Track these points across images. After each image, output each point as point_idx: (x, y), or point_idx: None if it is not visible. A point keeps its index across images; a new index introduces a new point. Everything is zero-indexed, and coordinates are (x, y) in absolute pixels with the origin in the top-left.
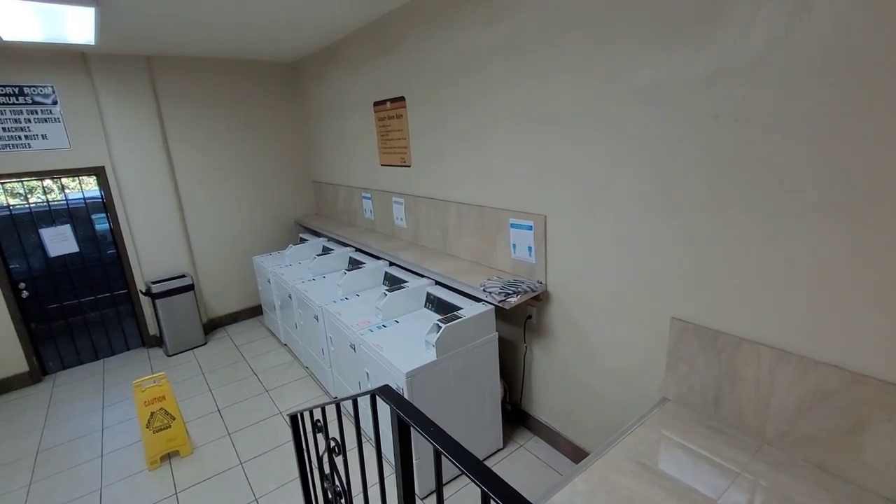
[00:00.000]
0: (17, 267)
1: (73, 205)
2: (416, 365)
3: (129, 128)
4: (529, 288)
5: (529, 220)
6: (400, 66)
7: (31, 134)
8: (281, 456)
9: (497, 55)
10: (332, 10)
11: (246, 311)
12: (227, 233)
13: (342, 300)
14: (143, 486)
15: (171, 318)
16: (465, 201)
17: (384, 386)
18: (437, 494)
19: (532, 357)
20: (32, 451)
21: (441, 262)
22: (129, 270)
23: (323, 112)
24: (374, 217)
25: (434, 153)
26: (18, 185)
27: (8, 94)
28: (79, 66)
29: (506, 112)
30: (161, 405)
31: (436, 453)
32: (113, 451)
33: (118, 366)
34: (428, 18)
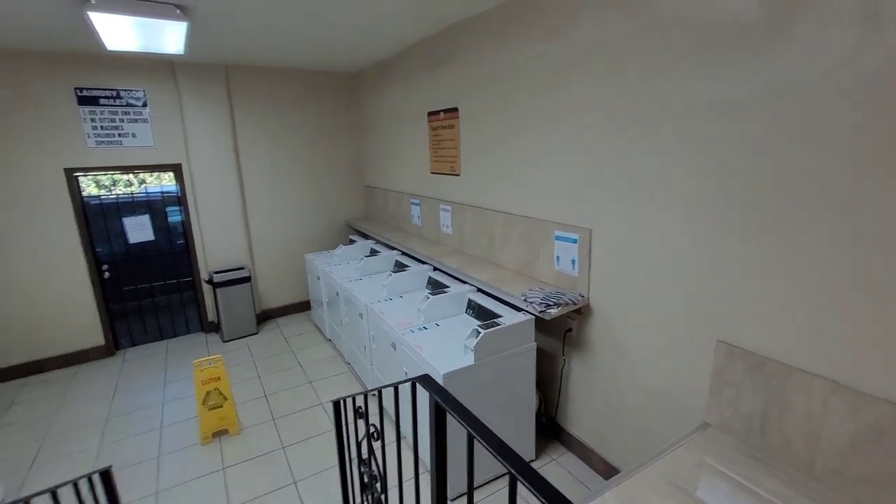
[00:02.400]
0: (101, 250)
1: (152, 197)
2: (454, 367)
3: (206, 130)
4: (571, 300)
5: (574, 233)
6: (455, 77)
7: (124, 132)
8: (319, 444)
9: (550, 70)
10: (395, 28)
11: (295, 306)
12: (284, 230)
13: (386, 300)
14: (196, 459)
15: (229, 307)
16: (511, 212)
17: (424, 375)
18: (468, 480)
19: (570, 370)
20: (103, 417)
21: (484, 270)
22: (195, 260)
23: (379, 120)
24: (422, 223)
25: (483, 163)
26: (107, 178)
27: (107, 97)
28: (167, 74)
29: (555, 124)
30: (216, 385)
31: (469, 438)
32: (171, 424)
33: (179, 347)
34: (483, 34)
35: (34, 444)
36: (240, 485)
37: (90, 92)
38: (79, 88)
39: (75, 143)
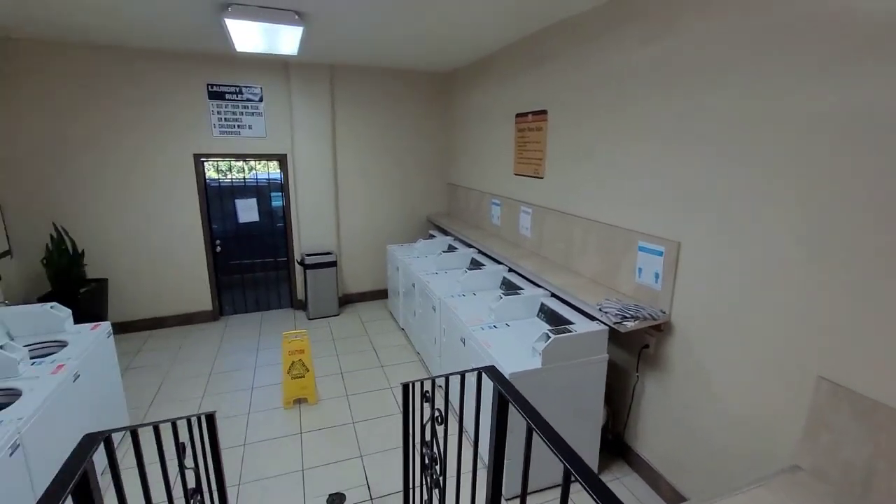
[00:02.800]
0: (216, 227)
1: (260, 183)
2: (520, 368)
3: (309, 124)
4: (650, 315)
5: (661, 245)
6: (546, 80)
7: (242, 124)
8: (386, 425)
9: (646, 74)
10: (494, 28)
11: (373, 293)
12: (369, 221)
13: (460, 296)
14: (278, 420)
15: (316, 288)
16: (594, 218)
17: (490, 366)
18: (523, 474)
19: (643, 389)
20: (207, 372)
21: (560, 275)
22: (290, 242)
23: (467, 119)
24: (501, 223)
25: (568, 167)
26: (225, 164)
27: (232, 92)
28: (281, 72)
29: (649, 131)
30: (300, 357)
31: (528, 430)
32: (260, 387)
33: (271, 319)
34: (579, 36)
35: (154, 386)
36: (313, 450)
37: (219, 88)
38: (210, 84)
39: (203, 132)
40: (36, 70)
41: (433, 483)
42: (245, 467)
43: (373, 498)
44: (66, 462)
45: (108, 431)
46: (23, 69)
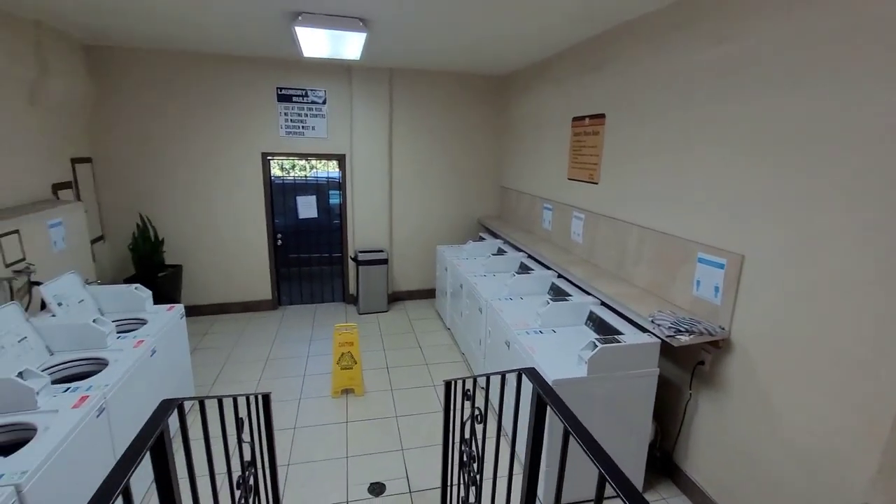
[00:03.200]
0: (278, 222)
1: (319, 181)
2: (564, 376)
3: (368, 126)
4: (707, 330)
5: (722, 257)
6: (605, 83)
7: (306, 125)
8: (428, 421)
9: (715, 75)
10: (551, 33)
11: (422, 292)
12: (421, 221)
13: (507, 299)
14: (326, 408)
15: (367, 284)
16: (650, 226)
17: (531, 367)
18: (558, 475)
19: (696, 407)
20: (264, 358)
21: (611, 283)
22: (345, 239)
23: (522, 123)
24: (552, 228)
25: (624, 173)
26: (288, 162)
27: (299, 95)
28: (344, 76)
29: (715, 136)
30: (349, 349)
31: (564, 433)
32: (311, 374)
33: (324, 311)
34: (641, 38)
35: (217, 367)
36: (357, 439)
37: (287, 91)
38: (280, 88)
39: (272, 132)
40: (125, 75)
41: (470, 481)
42: (294, 449)
43: (412, 491)
44: (146, 423)
45: (182, 399)
46: (115, 75)
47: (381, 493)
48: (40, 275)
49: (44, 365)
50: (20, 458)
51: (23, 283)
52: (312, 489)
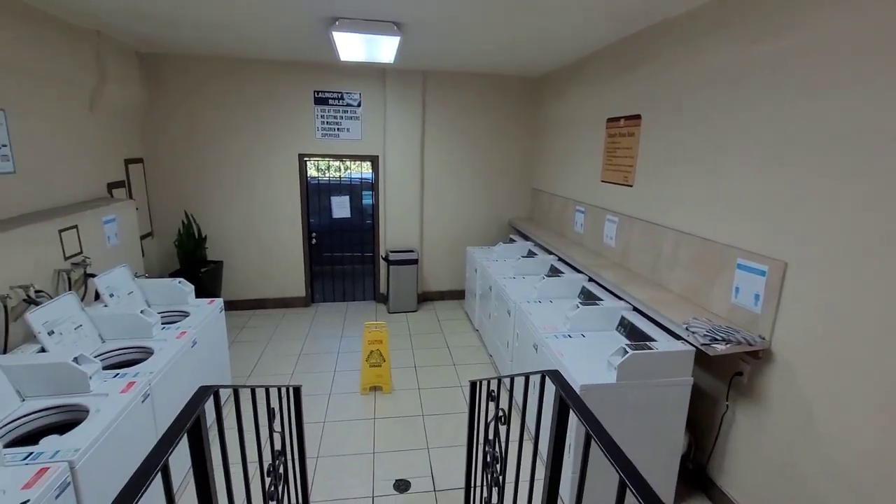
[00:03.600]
0: (313, 221)
1: (353, 182)
2: (593, 381)
3: (401, 128)
4: (746, 340)
5: (763, 264)
6: (641, 83)
7: (341, 127)
8: (454, 422)
9: (757, 75)
10: (586, 33)
11: (451, 293)
12: (451, 222)
13: (535, 302)
14: (354, 404)
15: (397, 283)
16: (687, 230)
17: (554, 370)
18: (579, 480)
19: (733, 420)
20: (297, 352)
21: (645, 289)
22: (377, 239)
23: (555, 124)
24: (584, 231)
25: (660, 175)
26: (323, 163)
27: (335, 98)
28: (378, 79)
29: (758, 137)
30: (378, 347)
31: (586, 437)
32: (341, 371)
33: (354, 309)
34: (679, 37)
35: (253, 359)
36: (384, 436)
37: (324, 94)
38: (317, 91)
39: (308, 134)
40: (173, 80)
41: (493, 481)
42: (323, 442)
43: (436, 490)
44: (184, 407)
45: (218, 386)
46: (165, 80)
47: (406, 490)
48: (95, 267)
49: (96, 351)
50: (74, 437)
51: (79, 275)
52: (340, 482)
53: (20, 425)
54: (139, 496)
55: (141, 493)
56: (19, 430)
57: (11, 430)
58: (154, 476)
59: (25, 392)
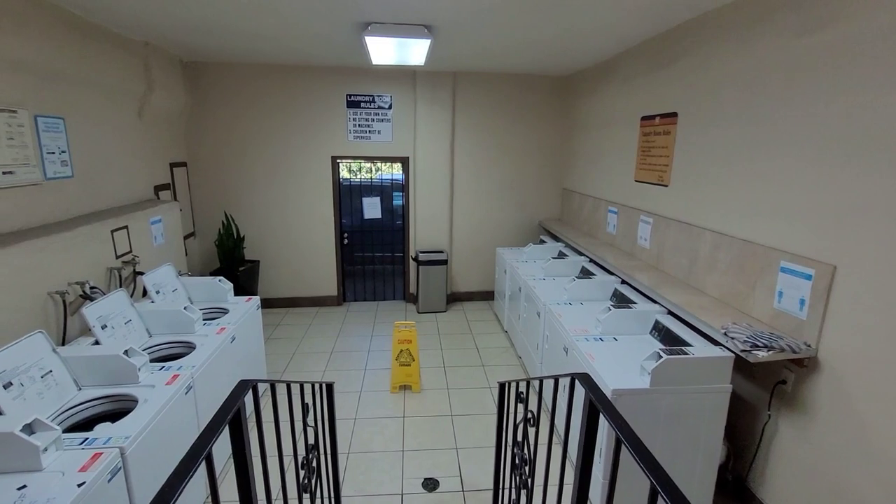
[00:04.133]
0: (345, 222)
1: (384, 183)
2: (625, 386)
3: (431, 129)
4: (790, 347)
5: (810, 267)
6: (677, 80)
7: (373, 129)
8: (482, 423)
9: (803, 69)
10: (619, 30)
11: (480, 294)
12: (480, 223)
13: (566, 304)
14: (384, 402)
15: (427, 284)
16: (725, 232)
17: (584, 373)
18: (609, 485)
19: (775, 431)
20: (329, 350)
21: (680, 292)
22: (407, 239)
23: (587, 124)
24: (616, 232)
25: (698, 174)
26: (355, 165)
27: (366, 101)
28: (409, 81)
29: (802, 134)
30: (408, 346)
31: (616, 441)
32: (372, 369)
33: (385, 309)
34: (718, 32)
35: (287, 356)
36: (413, 434)
37: (356, 97)
38: (349, 94)
39: (341, 136)
40: (214, 87)
41: (521, 483)
42: (354, 439)
43: (464, 490)
44: (226, 399)
45: (256, 381)
46: (206, 87)
47: (435, 489)
48: (142, 266)
49: (144, 345)
50: (124, 425)
51: (129, 273)
52: (370, 478)
53: (77, 412)
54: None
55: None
56: (76, 416)
57: (69, 417)
58: (199, 463)
59: (81, 381)
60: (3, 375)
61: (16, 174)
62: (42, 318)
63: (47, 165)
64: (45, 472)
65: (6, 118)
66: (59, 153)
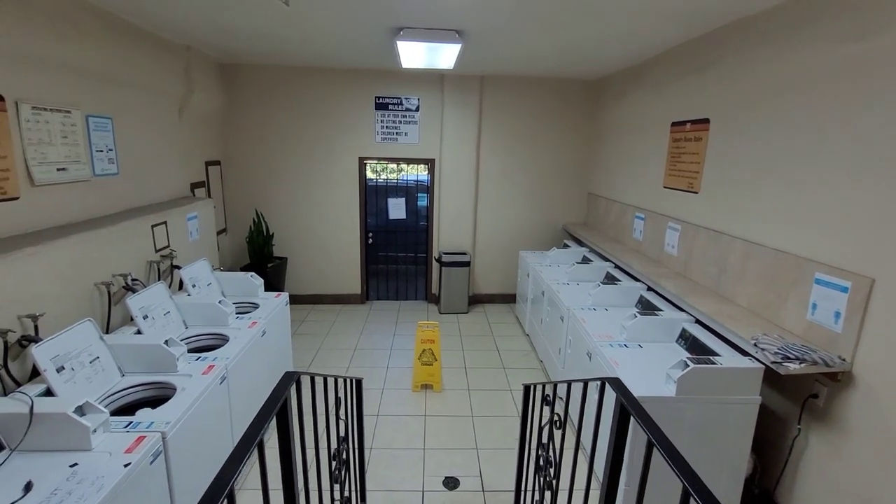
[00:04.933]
0: (370, 221)
1: (409, 184)
2: (649, 393)
3: (457, 132)
4: (822, 360)
5: (846, 279)
6: (710, 86)
7: (400, 131)
8: (503, 425)
9: (846, 75)
10: (651, 34)
11: (502, 296)
12: (505, 226)
13: (590, 309)
14: (406, 401)
15: (449, 285)
16: (757, 241)
17: (615, 377)
18: (639, 490)
19: (806, 446)
20: (353, 347)
21: (709, 301)
22: (430, 240)
23: (615, 128)
24: (643, 238)
25: (730, 182)
26: (381, 166)
27: (395, 103)
28: (437, 84)
29: (841, 143)
30: (430, 346)
31: (648, 444)
32: (394, 367)
33: (407, 308)
34: (754, 37)
35: (312, 351)
36: (434, 433)
37: (384, 100)
38: (378, 97)
39: (368, 138)
40: (248, 88)
41: (545, 485)
42: (377, 435)
43: (485, 490)
44: (273, 391)
45: (300, 373)
46: (240, 88)
47: (455, 488)
48: (179, 260)
49: (181, 336)
50: (164, 411)
51: (167, 266)
52: (392, 473)
53: (121, 397)
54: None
55: (244, 461)
56: (120, 401)
57: (114, 401)
58: (252, 449)
59: (125, 368)
60: (57, 360)
61: (68, 171)
62: (89, 307)
63: (96, 163)
64: (94, 451)
65: (61, 118)
66: (106, 151)
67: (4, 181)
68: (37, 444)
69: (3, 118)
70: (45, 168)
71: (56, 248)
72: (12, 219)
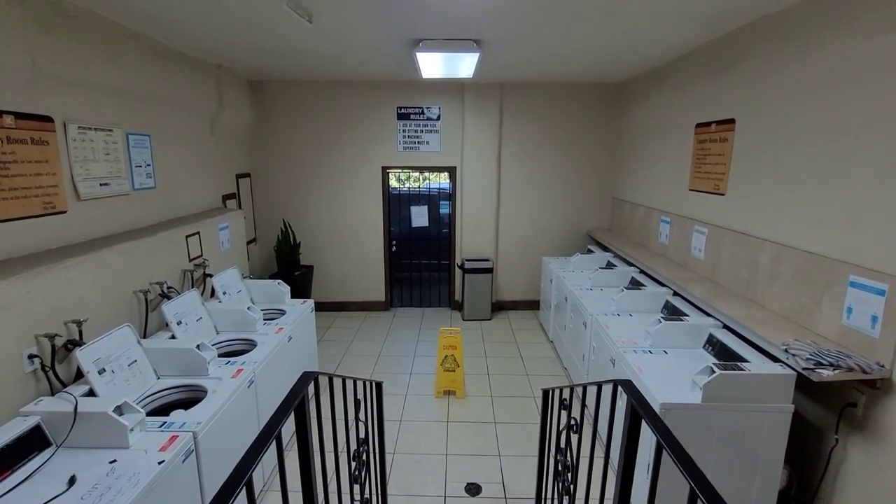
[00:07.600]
0: (393, 230)
1: (431, 192)
2: (675, 400)
3: (478, 139)
4: (859, 367)
5: (883, 282)
6: (735, 86)
7: (422, 140)
8: (525, 431)
9: (878, 68)
10: (673, 35)
11: (525, 303)
12: (527, 232)
13: (614, 315)
14: (428, 407)
15: (472, 292)
16: (787, 243)
17: (627, 380)
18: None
19: (844, 456)
20: (376, 353)
21: (737, 305)
22: (453, 247)
23: (637, 131)
24: (669, 243)
25: (757, 182)
26: (404, 174)
27: (416, 112)
28: (457, 93)
29: (877, 143)
30: (452, 352)
31: (657, 447)
32: (417, 373)
33: (430, 315)
34: (780, 34)
35: (337, 358)
36: (456, 439)
37: (406, 110)
38: (399, 107)
39: (391, 147)
40: (275, 103)
41: (564, 490)
42: (400, 440)
43: (507, 497)
44: (292, 388)
45: (318, 373)
46: (268, 103)
47: (477, 494)
48: (211, 268)
49: (212, 341)
50: (196, 412)
51: (200, 275)
52: (414, 478)
53: (156, 399)
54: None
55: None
56: (155, 402)
57: (150, 403)
58: (271, 442)
59: (160, 371)
60: (98, 362)
61: (110, 185)
62: (128, 313)
63: (135, 177)
64: (131, 449)
65: (104, 136)
66: (144, 166)
67: (54, 196)
68: (80, 441)
69: (53, 139)
70: (90, 183)
71: (99, 258)
72: (60, 231)
